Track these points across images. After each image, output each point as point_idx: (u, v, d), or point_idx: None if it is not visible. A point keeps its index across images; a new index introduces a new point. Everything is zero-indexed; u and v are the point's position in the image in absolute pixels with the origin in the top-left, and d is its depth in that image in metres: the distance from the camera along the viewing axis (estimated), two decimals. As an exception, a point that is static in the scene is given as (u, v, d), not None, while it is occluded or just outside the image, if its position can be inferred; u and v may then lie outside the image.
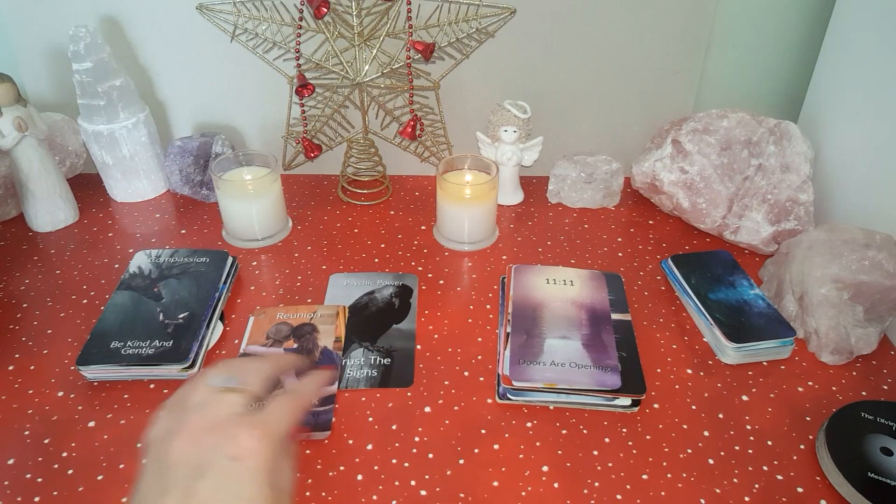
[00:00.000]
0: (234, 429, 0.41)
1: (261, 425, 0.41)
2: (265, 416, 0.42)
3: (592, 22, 0.77)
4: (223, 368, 0.46)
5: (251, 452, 0.40)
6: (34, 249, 0.75)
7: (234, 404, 0.42)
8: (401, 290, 0.69)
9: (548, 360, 0.57)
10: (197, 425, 0.41)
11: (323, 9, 0.69)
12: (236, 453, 0.40)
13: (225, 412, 0.42)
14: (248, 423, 0.41)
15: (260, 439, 0.40)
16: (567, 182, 0.82)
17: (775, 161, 0.73)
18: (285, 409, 0.43)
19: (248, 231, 0.75)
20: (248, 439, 0.40)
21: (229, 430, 0.41)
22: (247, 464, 0.40)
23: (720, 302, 0.64)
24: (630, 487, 0.50)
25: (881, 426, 0.53)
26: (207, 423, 0.41)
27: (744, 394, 0.58)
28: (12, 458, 0.52)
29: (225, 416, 0.41)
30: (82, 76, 0.74)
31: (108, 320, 0.61)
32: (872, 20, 0.69)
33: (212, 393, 0.43)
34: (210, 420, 0.41)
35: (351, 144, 0.82)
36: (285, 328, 0.63)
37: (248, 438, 0.40)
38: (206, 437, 0.40)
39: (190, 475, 0.39)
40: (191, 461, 0.39)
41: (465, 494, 0.49)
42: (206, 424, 0.41)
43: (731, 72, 0.84)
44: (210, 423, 0.41)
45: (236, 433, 0.40)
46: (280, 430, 0.42)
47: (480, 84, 0.81)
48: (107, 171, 0.82)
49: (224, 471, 0.39)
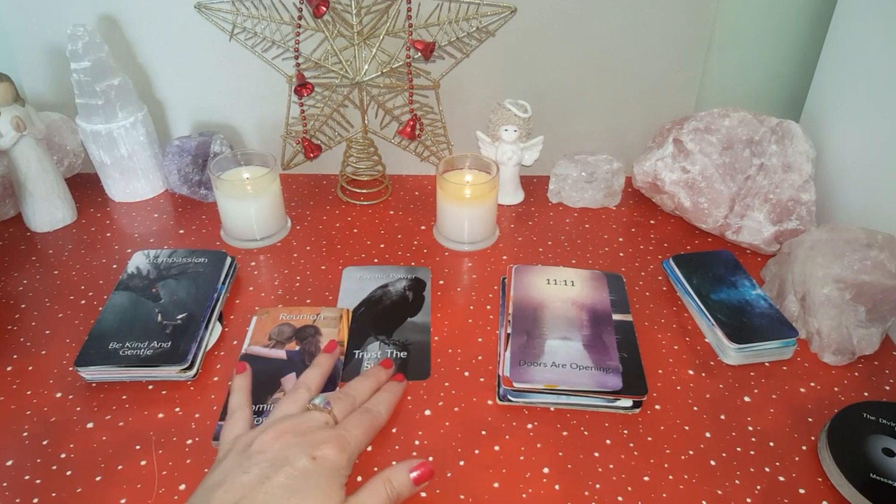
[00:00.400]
0: (318, 436, 0.47)
1: (341, 439, 0.47)
2: (345, 432, 0.48)
3: (593, 21, 0.77)
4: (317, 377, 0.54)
5: (328, 458, 0.46)
6: (32, 249, 0.75)
7: (319, 420, 0.49)
8: (414, 283, 0.69)
9: (548, 362, 0.57)
10: (285, 427, 0.47)
11: (322, 7, 0.68)
12: (316, 455, 0.45)
13: (311, 423, 0.48)
14: (332, 435, 0.47)
15: (339, 450, 0.46)
16: (568, 181, 0.82)
17: (777, 160, 0.72)
18: (362, 429, 0.50)
19: (246, 231, 0.75)
20: (329, 448, 0.46)
21: (314, 437, 0.47)
22: (323, 465, 0.45)
23: (722, 302, 0.64)
24: (631, 489, 0.50)
25: (883, 427, 0.52)
26: (295, 428, 0.47)
27: (745, 395, 0.58)
28: (10, 459, 0.52)
29: (311, 426, 0.48)
30: (80, 75, 0.74)
31: (106, 321, 0.61)
32: (874, 19, 0.69)
33: (302, 408, 0.50)
34: (297, 426, 0.47)
35: (350, 144, 0.82)
36: (288, 329, 0.63)
37: (329, 448, 0.46)
38: (291, 438, 0.46)
39: (271, 464, 0.44)
40: (274, 454, 0.45)
41: (466, 496, 0.49)
42: (294, 429, 0.47)
43: (733, 71, 0.83)
44: (297, 429, 0.47)
45: (320, 441, 0.46)
46: (356, 447, 0.48)
47: (481, 83, 0.81)
48: (105, 170, 0.81)
49: (302, 468, 0.44)
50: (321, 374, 0.55)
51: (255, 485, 0.43)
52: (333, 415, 0.50)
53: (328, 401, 0.51)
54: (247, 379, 0.56)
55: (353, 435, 0.48)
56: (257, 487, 0.43)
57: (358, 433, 0.49)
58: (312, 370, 0.55)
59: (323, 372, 0.56)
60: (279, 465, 0.44)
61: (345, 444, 0.47)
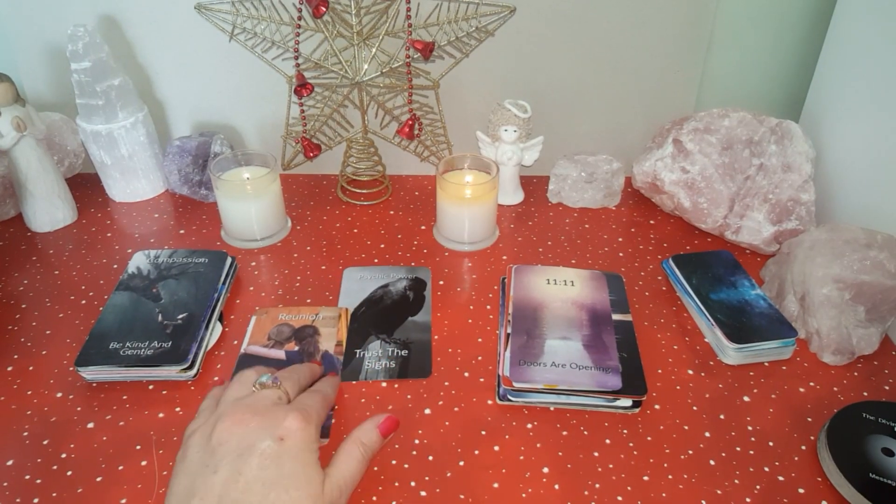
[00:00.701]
0: (278, 413, 0.44)
1: (302, 410, 0.45)
2: (303, 404, 0.47)
3: (593, 20, 0.77)
4: (262, 369, 0.51)
5: (295, 433, 0.43)
6: (33, 249, 0.75)
7: (272, 396, 0.47)
8: (414, 283, 0.69)
9: (548, 361, 0.57)
10: (241, 410, 0.45)
11: (322, 8, 0.68)
12: (282, 434, 0.43)
13: (266, 401, 0.46)
14: (291, 408, 0.45)
15: (303, 421, 0.44)
16: (568, 182, 0.82)
17: (777, 160, 0.72)
18: (317, 402, 0.48)
19: (247, 231, 0.75)
20: (293, 421, 0.44)
21: (274, 415, 0.44)
22: (292, 444, 0.43)
23: (721, 302, 0.64)
24: (631, 489, 0.50)
25: (883, 427, 0.52)
26: (251, 410, 0.45)
27: (745, 394, 0.58)
28: (11, 459, 0.52)
29: (266, 405, 0.46)
30: (81, 76, 0.74)
31: (106, 321, 0.61)
32: (874, 19, 0.69)
33: (250, 387, 0.48)
34: (253, 407, 0.45)
35: (350, 144, 0.82)
36: (287, 329, 0.63)
37: (292, 420, 0.44)
38: (251, 420, 0.44)
39: (238, 454, 0.42)
40: (238, 442, 0.43)
41: (466, 496, 0.49)
42: (251, 411, 0.45)
43: (733, 71, 0.83)
44: (254, 409, 0.45)
45: (281, 417, 0.44)
46: (317, 418, 0.46)
47: (480, 83, 0.81)
48: (105, 170, 0.81)
49: (270, 451, 0.42)
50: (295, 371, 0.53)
51: (228, 483, 0.40)
52: (284, 390, 0.48)
53: (275, 377, 0.49)
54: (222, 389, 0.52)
55: (312, 407, 0.46)
56: (231, 486, 0.40)
57: (316, 406, 0.47)
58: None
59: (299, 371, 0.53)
60: (246, 454, 0.42)
61: (307, 416, 0.45)
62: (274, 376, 0.49)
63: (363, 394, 0.57)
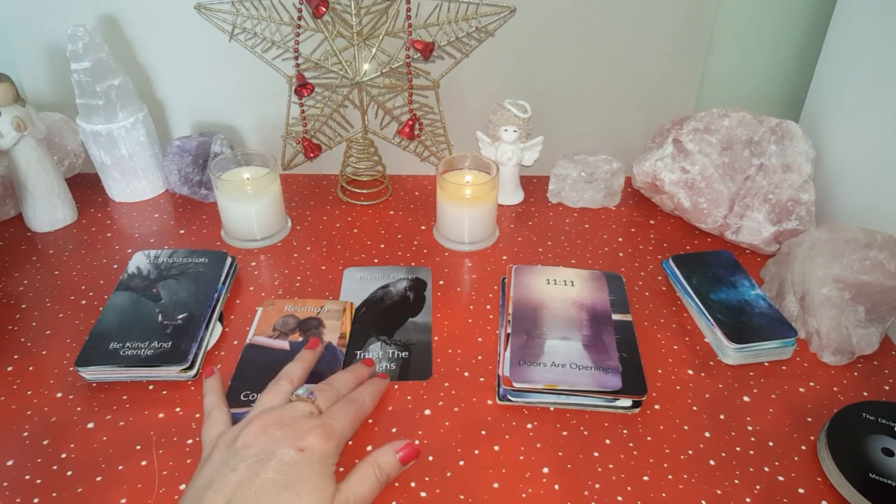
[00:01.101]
0: (303, 426, 0.46)
1: (327, 427, 0.47)
2: (330, 420, 0.48)
3: (593, 20, 0.77)
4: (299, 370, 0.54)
5: (316, 448, 0.45)
6: (33, 250, 0.75)
7: (303, 410, 0.49)
8: (415, 284, 0.69)
9: (548, 361, 0.57)
10: (269, 420, 0.47)
11: (322, 8, 0.68)
12: (303, 446, 0.45)
13: (295, 414, 0.48)
14: (316, 424, 0.47)
15: (326, 439, 0.46)
16: (567, 182, 0.82)
17: (777, 160, 0.72)
18: (347, 418, 0.49)
19: (247, 231, 0.75)
20: (315, 438, 0.46)
21: (299, 428, 0.46)
22: (310, 455, 0.45)
23: (721, 302, 0.64)
24: (631, 489, 0.50)
25: (882, 427, 0.52)
26: (279, 421, 0.47)
27: (745, 394, 0.58)
28: (11, 459, 0.52)
29: (295, 416, 0.47)
30: (81, 76, 0.74)
31: (106, 321, 0.61)
32: (874, 19, 0.69)
33: (285, 399, 0.50)
34: (282, 418, 0.48)
35: (350, 144, 0.82)
36: (292, 321, 0.63)
37: (315, 437, 0.46)
38: (276, 430, 0.46)
39: (258, 459, 0.44)
40: (261, 448, 0.45)
41: (466, 496, 0.49)
42: (278, 420, 0.47)
43: (733, 71, 0.83)
44: (281, 420, 0.47)
45: (305, 431, 0.46)
46: (342, 435, 0.48)
47: (480, 83, 0.81)
48: (105, 170, 0.81)
49: (290, 461, 0.44)
50: (304, 367, 0.55)
51: (244, 482, 0.42)
52: (317, 405, 0.50)
53: (311, 391, 0.51)
54: (216, 381, 0.55)
55: (338, 423, 0.48)
56: (247, 484, 0.42)
57: (343, 421, 0.49)
58: (294, 364, 0.55)
59: (305, 366, 0.55)
60: (266, 459, 0.44)
61: (330, 433, 0.47)
62: (310, 391, 0.51)
63: (363, 394, 0.57)
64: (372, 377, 0.57)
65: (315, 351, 0.58)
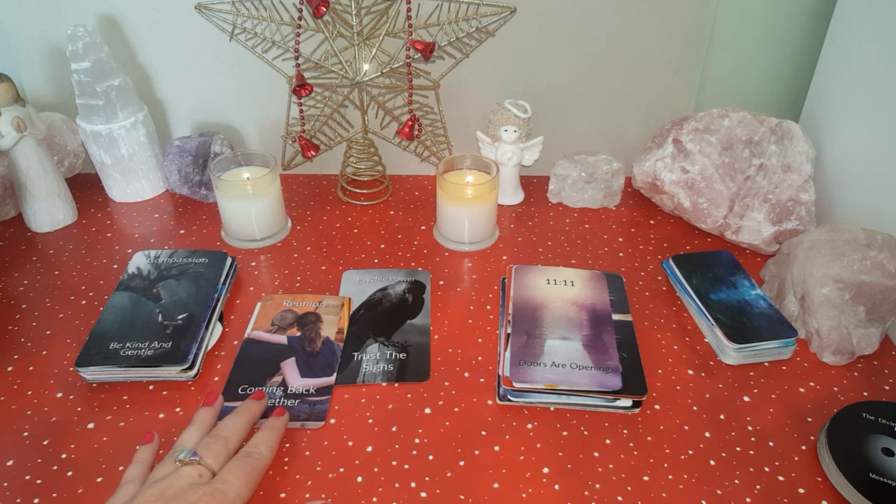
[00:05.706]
0: (190, 498, 0.43)
1: (218, 494, 0.43)
2: (222, 485, 0.44)
3: (593, 21, 0.77)
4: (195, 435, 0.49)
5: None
6: (33, 250, 0.75)
7: (191, 475, 0.45)
8: (413, 286, 0.69)
9: (548, 361, 0.57)
10: (153, 494, 0.43)
11: (322, 8, 0.68)
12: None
13: (181, 483, 0.44)
14: (205, 493, 0.43)
15: None
16: (568, 182, 0.82)
17: (777, 161, 0.72)
18: (240, 477, 0.46)
19: (247, 231, 0.75)
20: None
21: (184, 500, 0.42)
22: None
23: (721, 302, 0.64)
24: (631, 489, 0.50)
25: (882, 427, 0.53)
26: (162, 495, 0.43)
27: (745, 394, 0.58)
28: (11, 459, 0.52)
29: (181, 487, 0.44)
30: (81, 76, 0.74)
31: (106, 321, 0.61)
32: (874, 19, 0.69)
33: (172, 466, 0.46)
34: (164, 492, 0.43)
35: (350, 144, 0.82)
36: (290, 315, 0.64)
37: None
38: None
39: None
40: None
41: (466, 496, 0.49)
42: (161, 496, 0.43)
43: (733, 71, 0.83)
44: (164, 495, 0.43)
45: (192, 502, 0.42)
46: (236, 498, 0.44)
47: (480, 83, 0.81)
48: (105, 171, 0.81)
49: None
50: (199, 430, 0.50)
51: None
52: (206, 465, 0.45)
53: (194, 451, 0.46)
54: (149, 452, 0.50)
55: (231, 486, 0.44)
56: None
57: (237, 482, 0.45)
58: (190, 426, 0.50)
59: (203, 429, 0.50)
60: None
61: (222, 499, 0.43)
62: (192, 451, 0.46)
63: (363, 394, 0.57)
64: (267, 414, 0.53)
65: (260, 402, 0.54)
